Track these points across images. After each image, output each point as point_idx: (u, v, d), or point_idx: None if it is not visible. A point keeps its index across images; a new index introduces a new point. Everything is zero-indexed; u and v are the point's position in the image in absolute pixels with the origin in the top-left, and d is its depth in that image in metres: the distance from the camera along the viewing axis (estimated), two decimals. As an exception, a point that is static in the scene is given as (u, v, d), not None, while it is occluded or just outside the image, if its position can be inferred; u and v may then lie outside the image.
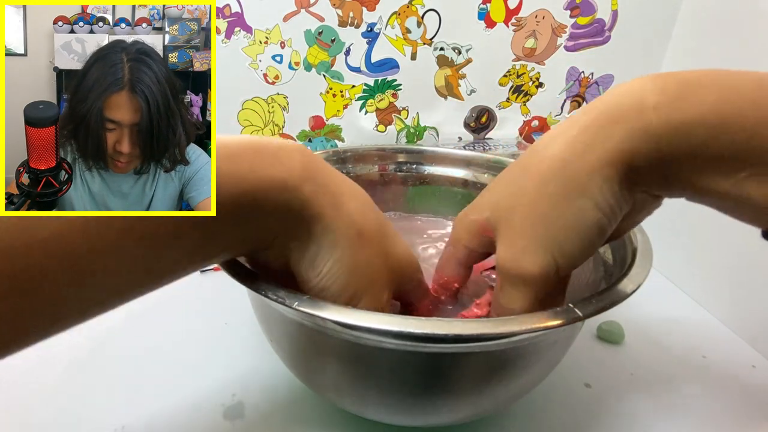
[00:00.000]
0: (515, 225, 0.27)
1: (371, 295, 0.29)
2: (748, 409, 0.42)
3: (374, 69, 0.65)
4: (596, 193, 0.25)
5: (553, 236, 0.26)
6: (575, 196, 0.25)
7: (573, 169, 0.25)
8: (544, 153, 0.27)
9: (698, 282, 0.57)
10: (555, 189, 0.26)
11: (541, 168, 0.26)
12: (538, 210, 0.26)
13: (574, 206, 0.25)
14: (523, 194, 0.27)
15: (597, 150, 0.25)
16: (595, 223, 0.25)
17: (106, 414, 0.39)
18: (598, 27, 0.63)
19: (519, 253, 0.27)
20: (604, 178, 0.24)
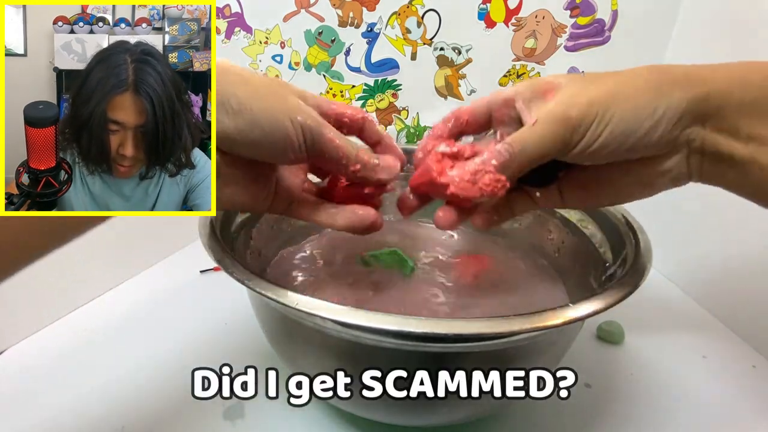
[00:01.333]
0: (584, 89, 0.29)
1: None
2: (748, 409, 0.42)
3: (374, 69, 0.65)
4: (666, 102, 0.27)
5: (611, 110, 0.28)
6: (651, 94, 0.28)
7: (660, 79, 0.28)
8: None
9: (698, 282, 0.57)
10: (638, 81, 0.28)
11: (626, 72, 0.29)
12: (612, 88, 0.28)
13: (643, 99, 0.28)
14: (601, 80, 0.29)
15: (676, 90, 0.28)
16: (649, 116, 0.27)
17: (106, 414, 0.39)
18: (598, 27, 0.63)
19: (574, 99, 0.29)
20: (678, 99, 0.27)
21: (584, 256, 0.41)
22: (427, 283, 0.42)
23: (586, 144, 0.28)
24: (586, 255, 0.41)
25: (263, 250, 0.43)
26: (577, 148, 0.28)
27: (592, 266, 0.40)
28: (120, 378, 0.43)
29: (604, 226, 0.41)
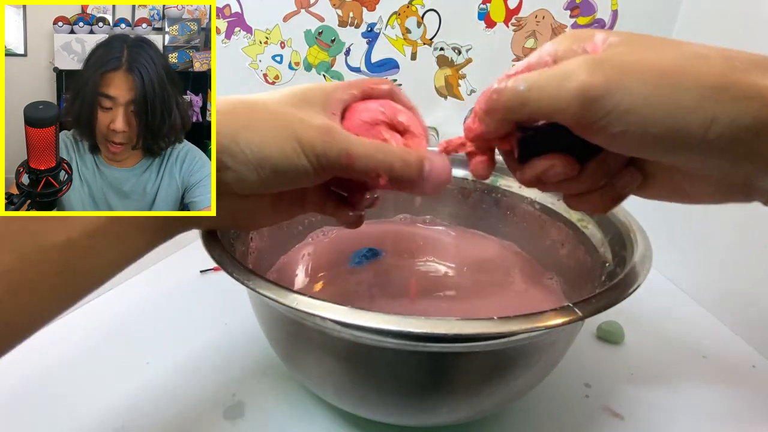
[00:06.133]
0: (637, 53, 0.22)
1: None
2: (748, 409, 0.42)
3: (374, 69, 0.65)
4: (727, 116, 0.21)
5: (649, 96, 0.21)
6: None
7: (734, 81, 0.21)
8: None
9: (698, 282, 0.57)
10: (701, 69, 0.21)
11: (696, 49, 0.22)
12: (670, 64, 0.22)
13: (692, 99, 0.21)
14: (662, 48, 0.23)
15: None
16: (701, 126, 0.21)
17: (106, 414, 0.39)
18: (598, 27, 0.63)
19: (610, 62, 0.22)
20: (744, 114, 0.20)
21: (584, 255, 0.41)
22: (428, 283, 0.42)
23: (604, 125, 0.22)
24: (585, 254, 0.41)
25: (263, 250, 0.43)
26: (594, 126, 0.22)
27: (591, 266, 0.40)
28: (120, 377, 0.43)
29: (604, 225, 0.41)
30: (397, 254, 0.46)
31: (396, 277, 0.43)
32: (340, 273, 0.43)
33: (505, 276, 0.44)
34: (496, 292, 0.42)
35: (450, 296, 0.41)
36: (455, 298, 0.41)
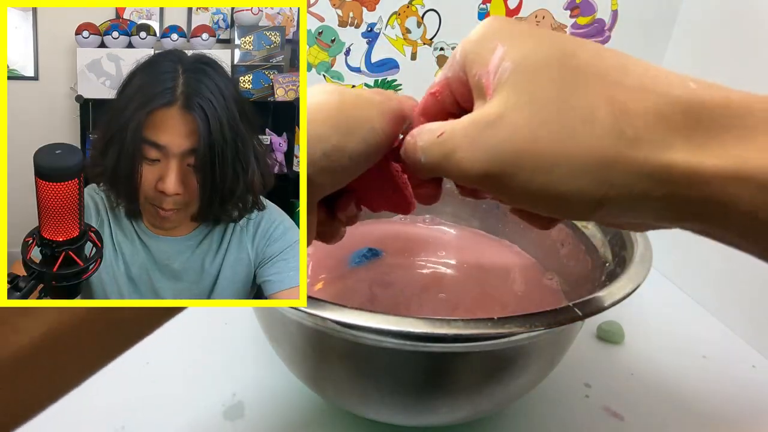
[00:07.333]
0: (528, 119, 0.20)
1: None
2: (748, 409, 0.42)
3: (374, 69, 0.65)
4: None
5: None
6: None
7: None
8: None
9: (698, 282, 0.57)
10: None
11: None
12: None
13: None
14: None
15: None
16: None
17: (106, 414, 0.39)
18: (598, 27, 0.63)
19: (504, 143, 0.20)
20: None
21: (584, 255, 0.41)
22: (429, 283, 0.42)
23: (496, 196, 0.22)
24: (585, 255, 0.41)
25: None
26: (491, 194, 0.22)
27: (591, 266, 0.40)
28: (120, 377, 0.43)
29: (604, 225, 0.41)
30: (397, 254, 0.46)
31: (396, 276, 0.43)
32: (340, 273, 0.43)
33: (505, 276, 0.44)
34: (496, 291, 0.42)
35: (450, 296, 0.41)
36: (455, 298, 0.41)
